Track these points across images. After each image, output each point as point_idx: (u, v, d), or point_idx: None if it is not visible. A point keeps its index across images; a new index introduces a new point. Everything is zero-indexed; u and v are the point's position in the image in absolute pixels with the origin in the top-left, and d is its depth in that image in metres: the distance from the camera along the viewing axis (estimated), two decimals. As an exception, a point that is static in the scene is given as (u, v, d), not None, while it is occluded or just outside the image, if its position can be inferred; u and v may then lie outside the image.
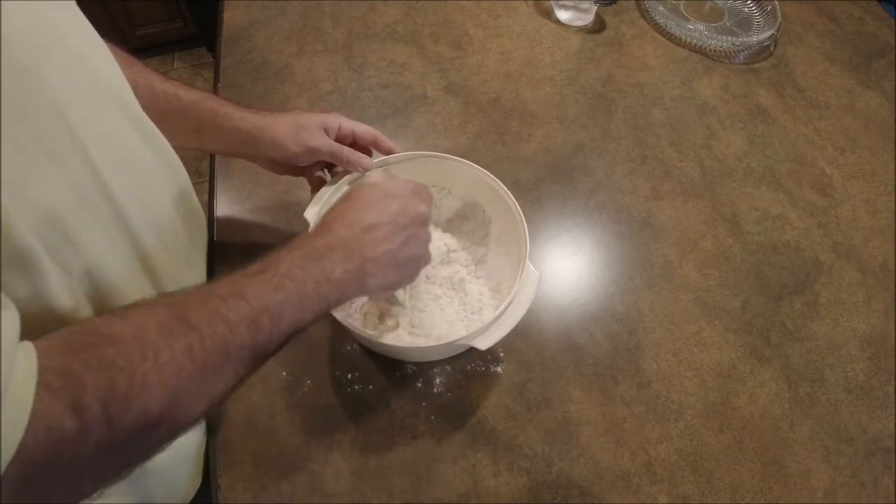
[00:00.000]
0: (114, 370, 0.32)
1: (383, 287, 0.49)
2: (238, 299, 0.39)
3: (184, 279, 0.58)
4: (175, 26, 2.10)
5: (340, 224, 0.47)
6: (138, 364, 0.33)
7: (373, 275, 0.46)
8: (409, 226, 0.49)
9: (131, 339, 0.34)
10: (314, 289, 0.42)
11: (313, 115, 0.60)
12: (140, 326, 0.35)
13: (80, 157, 0.40)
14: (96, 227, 0.42)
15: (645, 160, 0.84)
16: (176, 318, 0.36)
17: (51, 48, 0.37)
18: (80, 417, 0.30)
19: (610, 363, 0.65)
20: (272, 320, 0.40)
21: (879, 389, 0.67)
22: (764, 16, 1.03)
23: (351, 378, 0.62)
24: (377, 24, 0.96)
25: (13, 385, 0.29)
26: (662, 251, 0.75)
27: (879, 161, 0.88)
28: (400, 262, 0.48)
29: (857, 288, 0.74)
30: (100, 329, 0.34)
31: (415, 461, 0.58)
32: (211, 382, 0.37)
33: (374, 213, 0.48)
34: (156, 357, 0.34)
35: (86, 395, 0.31)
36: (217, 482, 0.56)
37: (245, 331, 0.38)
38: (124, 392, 0.32)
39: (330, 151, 0.60)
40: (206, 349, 0.36)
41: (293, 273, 0.42)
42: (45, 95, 0.36)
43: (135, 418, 0.33)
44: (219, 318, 0.37)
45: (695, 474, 0.60)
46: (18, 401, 0.29)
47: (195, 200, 0.61)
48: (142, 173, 0.49)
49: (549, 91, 0.90)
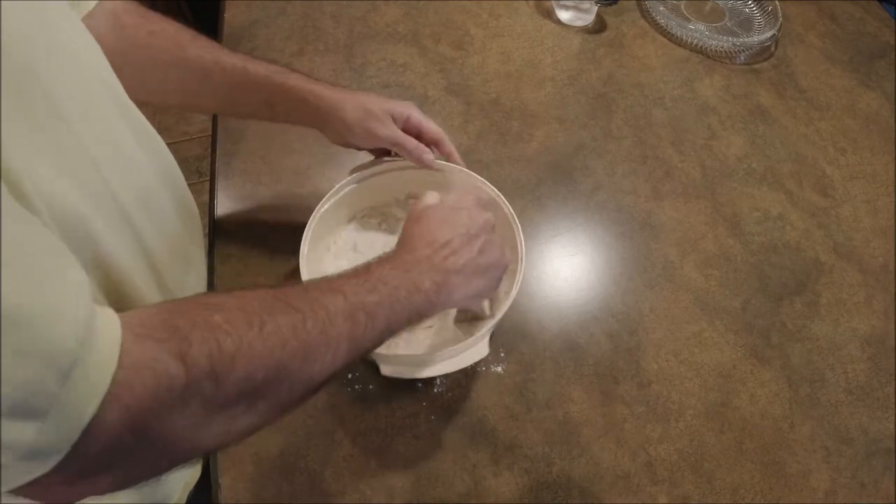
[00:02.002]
0: (220, 332, 0.32)
1: (471, 296, 0.50)
2: (336, 293, 0.40)
3: (184, 276, 0.58)
4: (176, 26, 2.10)
5: (420, 243, 0.48)
6: (244, 331, 0.33)
7: (459, 286, 0.48)
8: (480, 233, 0.51)
9: (236, 308, 0.34)
10: (406, 296, 0.44)
11: (383, 102, 0.60)
12: (244, 299, 0.35)
13: (84, 157, 0.40)
14: (106, 225, 0.42)
15: (646, 160, 0.84)
16: (277, 299, 0.37)
17: (46, 48, 0.37)
18: (187, 368, 0.30)
19: (610, 363, 0.65)
20: (368, 317, 0.41)
21: (880, 390, 0.67)
22: (765, 16, 1.03)
23: (351, 378, 0.62)
24: (378, 24, 0.96)
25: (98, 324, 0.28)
26: (663, 251, 0.75)
27: (880, 161, 0.88)
28: (482, 268, 0.50)
29: (858, 288, 0.74)
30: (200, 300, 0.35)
31: (415, 461, 0.58)
32: (311, 363, 0.37)
33: (448, 228, 0.49)
34: (261, 327, 0.34)
35: (192, 349, 0.31)
36: (217, 482, 0.56)
37: (342, 322, 0.39)
38: (231, 353, 0.32)
39: (394, 141, 0.60)
40: (307, 329, 0.36)
41: (386, 279, 0.43)
42: (44, 96, 0.36)
43: (240, 381, 0.33)
44: (319, 306, 0.38)
45: (695, 474, 0.59)
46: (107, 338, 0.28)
47: (190, 199, 0.61)
48: (138, 173, 0.49)
49: (550, 91, 0.90)
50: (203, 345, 0.31)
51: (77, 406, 0.27)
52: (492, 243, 0.51)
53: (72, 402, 0.27)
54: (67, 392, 0.26)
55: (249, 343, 0.33)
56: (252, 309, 0.35)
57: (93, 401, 0.27)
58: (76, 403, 0.27)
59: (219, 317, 0.33)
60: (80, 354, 0.27)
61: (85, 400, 0.27)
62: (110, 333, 0.29)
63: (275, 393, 0.35)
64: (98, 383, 0.27)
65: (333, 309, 0.39)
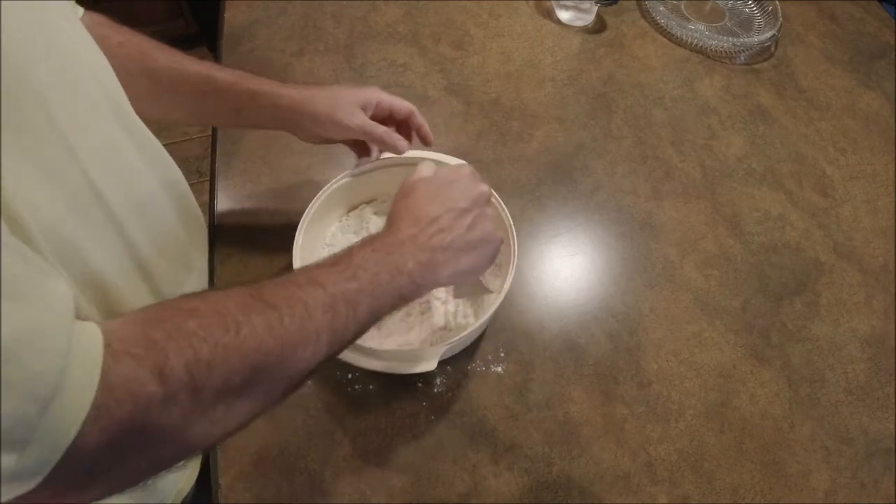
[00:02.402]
0: (196, 339, 0.32)
1: (460, 273, 0.48)
2: (315, 286, 0.39)
3: (184, 283, 0.58)
4: (176, 25, 2.10)
5: (406, 221, 0.47)
6: (220, 335, 0.33)
7: (444, 264, 0.46)
8: (472, 207, 0.49)
9: (212, 312, 0.34)
10: (388, 280, 0.43)
11: (351, 92, 0.60)
12: (219, 303, 0.35)
13: (73, 164, 0.39)
14: (93, 236, 0.42)
15: (646, 160, 0.84)
16: (254, 298, 0.36)
17: (42, 49, 0.37)
18: (165, 382, 0.30)
19: (610, 363, 0.65)
20: (349, 307, 0.40)
21: (880, 390, 0.67)
22: (765, 16, 1.03)
23: (351, 378, 0.62)
24: (378, 24, 0.96)
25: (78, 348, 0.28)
26: (663, 251, 0.75)
27: (880, 162, 0.88)
28: (471, 244, 0.48)
29: (858, 288, 0.74)
30: (177, 305, 0.34)
31: (415, 461, 0.58)
32: (290, 361, 0.37)
33: (437, 203, 0.48)
34: (237, 329, 0.34)
35: (169, 362, 0.30)
36: (217, 482, 0.56)
37: (322, 315, 0.38)
38: (207, 359, 0.32)
39: (364, 131, 0.59)
40: (285, 327, 0.36)
41: (366, 265, 0.42)
42: (34, 98, 0.36)
43: (218, 387, 0.32)
44: (296, 300, 0.37)
45: (695, 475, 0.59)
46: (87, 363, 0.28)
47: (193, 202, 0.61)
48: (135, 180, 0.48)
49: (550, 91, 0.90)
50: (180, 356, 0.31)
51: (57, 433, 0.27)
52: (483, 217, 0.50)
53: (52, 429, 0.27)
54: (47, 421, 0.26)
55: (225, 347, 0.33)
56: (227, 311, 0.34)
57: (73, 427, 0.27)
58: (56, 431, 0.27)
59: (193, 323, 0.33)
60: (60, 384, 0.27)
61: (65, 427, 0.27)
62: (91, 355, 0.28)
63: (254, 393, 0.35)
64: (78, 409, 0.27)
65: (312, 302, 0.38)
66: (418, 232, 0.46)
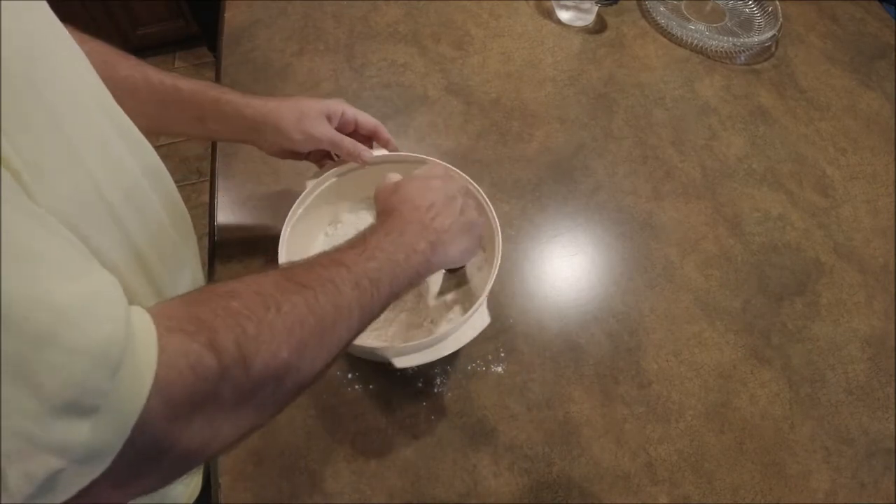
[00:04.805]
0: (241, 317, 0.33)
1: (462, 253, 0.53)
2: (339, 266, 0.41)
3: (177, 280, 0.58)
4: (176, 25, 2.10)
5: (406, 209, 0.50)
6: (262, 313, 0.34)
7: (451, 243, 0.51)
8: (457, 196, 0.53)
9: (251, 293, 0.35)
10: (404, 259, 0.46)
11: (316, 103, 0.61)
12: (256, 284, 0.37)
13: (78, 166, 0.40)
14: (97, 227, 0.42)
15: (646, 160, 0.84)
16: (287, 279, 0.38)
17: (41, 56, 0.37)
18: (219, 355, 0.31)
19: (610, 363, 0.65)
20: (372, 284, 0.42)
21: (880, 390, 0.67)
22: (765, 16, 1.03)
23: (351, 378, 0.62)
24: (378, 24, 0.96)
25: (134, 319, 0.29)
26: (663, 251, 0.75)
27: (880, 162, 0.88)
28: (467, 227, 0.53)
29: (858, 289, 0.74)
30: (217, 289, 0.35)
31: (415, 461, 0.58)
32: (329, 336, 0.39)
33: (431, 193, 0.52)
34: (278, 308, 0.35)
35: (219, 337, 0.32)
36: (217, 482, 0.56)
37: (350, 291, 0.40)
38: (254, 335, 0.33)
39: (330, 141, 0.61)
40: (321, 305, 0.38)
41: (383, 246, 0.45)
42: (40, 104, 0.36)
43: (266, 361, 0.34)
44: (326, 280, 0.40)
45: (695, 475, 0.59)
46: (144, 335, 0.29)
47: (181, 203, 0.61)
48: (124, 172, 0.48)
49: (551, 91, 0.90)
50: (229, 332, 0.32)
51: (126, 401, 0.27)
52: (468, 204, 0.54)
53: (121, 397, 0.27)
54: (117, 387, 0.27)
55: (270, 323, 0.34)
56: (266, 292, 0.36)
57: (141, 395, 0.28)
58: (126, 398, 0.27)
59: (236, 303, 0.34)
60: (126, 349, 0.27)
61: (133, 395, 0.28)
62: (146, 328, 0.29)
63: (297, 369, 0.36)
64: (143, 377, 0.28)
65: (340, 281, 0.40)
66: (421, 216, 0.50)
